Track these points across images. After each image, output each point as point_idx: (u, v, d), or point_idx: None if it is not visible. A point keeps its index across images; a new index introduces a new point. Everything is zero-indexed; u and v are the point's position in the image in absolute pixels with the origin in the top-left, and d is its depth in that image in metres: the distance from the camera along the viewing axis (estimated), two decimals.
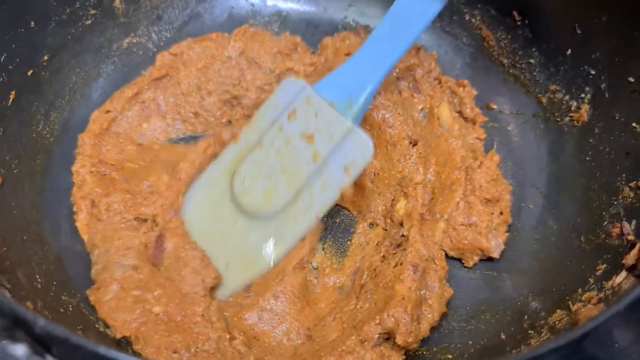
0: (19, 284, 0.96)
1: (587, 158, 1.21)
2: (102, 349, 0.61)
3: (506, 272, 1.18)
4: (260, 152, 1.17)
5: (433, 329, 1.07)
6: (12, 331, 0.67)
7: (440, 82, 1.37)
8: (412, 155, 1.22)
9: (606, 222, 1.09)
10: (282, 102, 1.18)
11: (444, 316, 1.09)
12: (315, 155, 1.12)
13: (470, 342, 1.08)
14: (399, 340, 0.97)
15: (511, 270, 1.18)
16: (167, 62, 1.35)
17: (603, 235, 1.08)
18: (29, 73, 1.20)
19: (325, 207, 1.14)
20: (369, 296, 1.07)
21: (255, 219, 1.15)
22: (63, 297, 1.04)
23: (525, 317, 1.07)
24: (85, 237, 1.14)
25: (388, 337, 1.01)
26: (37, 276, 1.03)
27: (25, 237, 1.08)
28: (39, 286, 1.01)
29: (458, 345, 1.08)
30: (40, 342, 0.68)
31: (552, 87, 1.33)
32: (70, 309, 1.03)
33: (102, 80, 1.35)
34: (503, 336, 1.05)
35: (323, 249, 1.20)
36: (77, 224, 1.15)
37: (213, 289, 1.07)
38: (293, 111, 1.15)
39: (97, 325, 1.03)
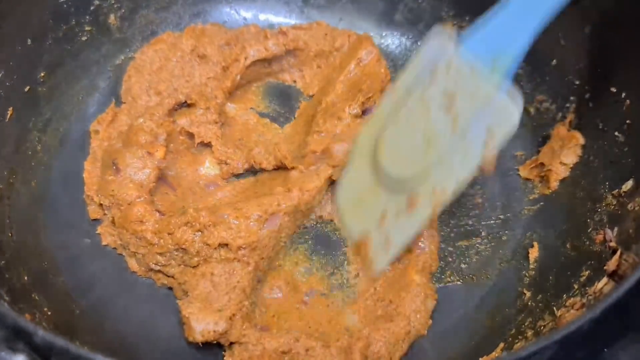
0: (17, 296, 0.98)
1: (572, 166, 1.24)
2: (100, 358, 0.63)
3: (493, 278, 1.20)
4: (401, 120, 1.08)
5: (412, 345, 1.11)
6: (12, 342, 0.69)
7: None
8: None
9: (590, 229, 1.12)
10: (424, 65, 1.06)
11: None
12: (455, 126, 1.01)
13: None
14: None
15: (497, 277, 1.20)
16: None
17: (587, 242, 1.11)
18: (26, 89, 1.23)
19: (460, 183, 1.03)
20: None
21: (393, 191, 1.10)
22: (62, 310, 1.06)
23: (512, 323, 1.10)
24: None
25: None
26: (36, 289, 1.06)
27: (24, 251, 1.10)
28: (37, 298, 1.04)
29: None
30: (39, 352, 0.71)
31: (539, 97, 1.36)
32: (69, 321, 1.05)
33: (97, 96, 1.37)
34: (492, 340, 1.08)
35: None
36: None
37: None
38: (433, 77, 1.04)
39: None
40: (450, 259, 1.23)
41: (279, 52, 1.39)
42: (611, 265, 0.97)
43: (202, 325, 1.03)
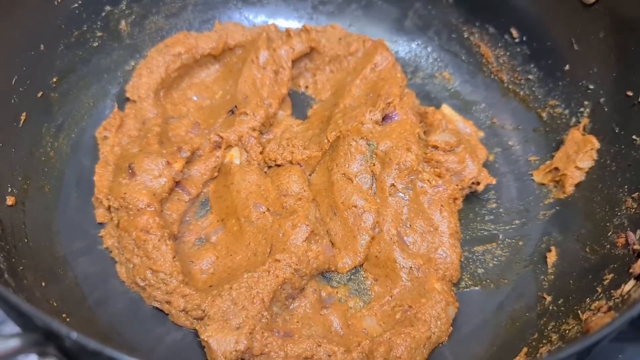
0: (36, 302, 0.97)
1: (588, 171, 1.24)
2: None
3: (511, 283, 1.19)
4: None
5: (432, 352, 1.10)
6: (43, 346, 0.68)
7: None
8: None
9: (610, 233, 1.12)
10: None
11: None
12: None
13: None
14: None
15: (515, 282, 1.19)
16: None
17: (608, 246, 1.10)
18: (39, 95, 1.22)
19: None
20: None
21: None
22: (81, 319, 1.05)
23: (534, 327, 1.09)
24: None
25: None
26: (54, 296, 1.04)
27: (39, 257, 1.09)
28: (55, 304, 1.02)
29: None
30: (68, 356, 0.69)
31: (552, 102, 1.36)
32: (87, 328, 1.04)
33: (109, 102, 1.36)
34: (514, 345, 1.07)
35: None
36: None
37: None
38: None
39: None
40: (467, 264, 1.22)
41: (303, 50, 1.40)
42: (637, 268, 0.97)
43: (223, 346, 1.00)
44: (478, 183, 1.26)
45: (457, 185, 1.24)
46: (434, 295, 1.12)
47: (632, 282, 0.96)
